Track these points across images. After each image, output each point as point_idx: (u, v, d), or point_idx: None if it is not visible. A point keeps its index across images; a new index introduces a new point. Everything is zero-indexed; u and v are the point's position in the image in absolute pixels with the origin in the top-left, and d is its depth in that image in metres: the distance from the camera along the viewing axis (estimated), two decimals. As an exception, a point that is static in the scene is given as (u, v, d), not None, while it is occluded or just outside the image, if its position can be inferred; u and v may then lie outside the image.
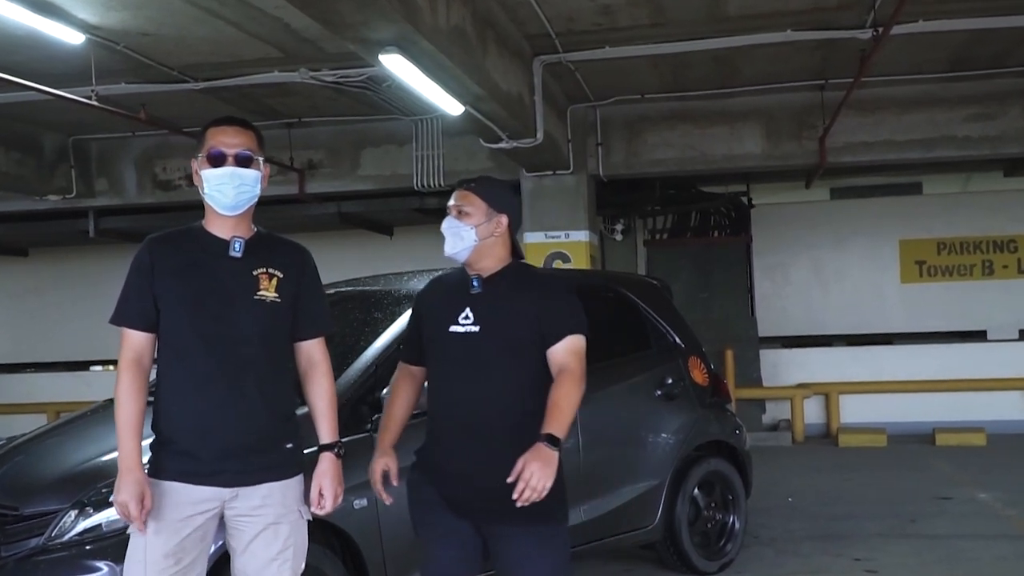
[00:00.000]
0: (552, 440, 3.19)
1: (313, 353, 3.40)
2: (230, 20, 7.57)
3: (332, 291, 5.49)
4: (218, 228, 3.26)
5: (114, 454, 3.16)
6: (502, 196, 3.55)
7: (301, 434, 3.39)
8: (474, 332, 3.41)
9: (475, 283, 3.48)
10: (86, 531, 3.96)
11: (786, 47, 8.91)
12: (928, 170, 13.80)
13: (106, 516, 3.94)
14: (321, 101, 10.35)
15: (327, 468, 3.33)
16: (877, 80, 9.93)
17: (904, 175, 14.15)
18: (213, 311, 3.17)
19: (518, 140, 8.91)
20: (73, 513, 4.00)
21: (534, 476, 3.13)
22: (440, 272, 3.92)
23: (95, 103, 8.34)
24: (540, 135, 8.97)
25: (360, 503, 4.33)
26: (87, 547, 3.91)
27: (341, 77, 8.94)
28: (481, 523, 3.45)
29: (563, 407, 3.28)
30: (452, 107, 7.64)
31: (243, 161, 3.20)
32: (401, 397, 3.67)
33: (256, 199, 3.26)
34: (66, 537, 3.97)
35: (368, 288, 5.86)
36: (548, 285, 3.57)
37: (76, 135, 11.82)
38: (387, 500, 3.56)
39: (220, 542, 3.41)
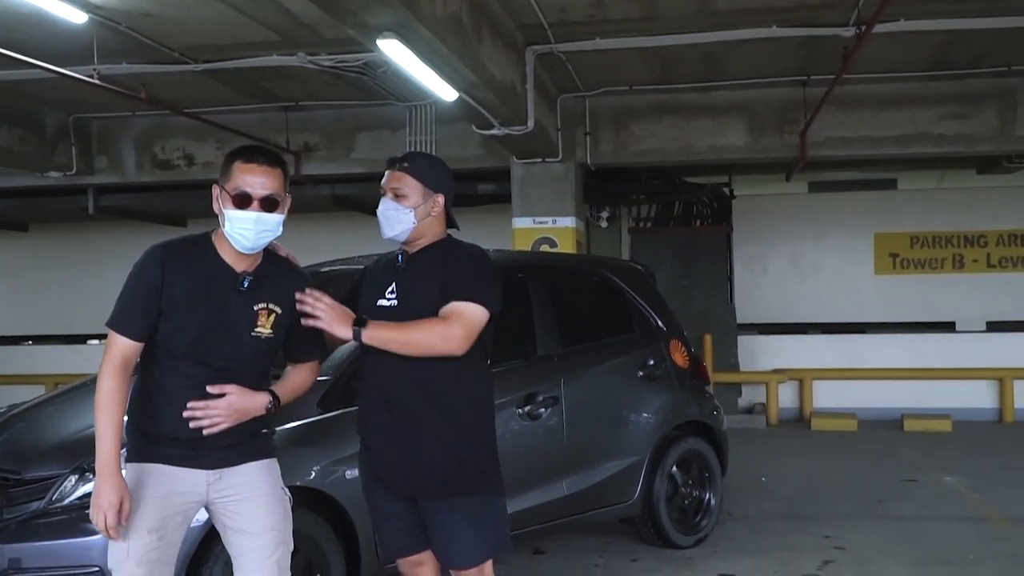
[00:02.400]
0: (361, 322, 3.26)
1: (304, 371, 3.40)
2: (231, 3, 7.52)
3: (327, 269, 5.49)
4: (229, 256, 3.16)
5: None
6: (437, 174, 3.46)
7: (272, 423, 3.37)
8: (393, 307, 3.38)
9: (399, 259, 3.44)
10: (85, 495, 3.94)
11: (771, 43, 8.92)
12: (903, 166, 13.87)
13: (104, 482, 3.95)
14: (318, 85, 10.31)
15: (252, 393, 3.17)
16: (858, 78, 9.95)
17: (880, 171, 14.22)
18: (212, 339, 3.11)
19: (509, 127, 8.90)
20: (73, 478, 4.02)
21: (322, 310, 3.21)
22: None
23: (97, 82, 8.29)
24: (531, 123, 8.96)
25: (352, 473, 4.31)
26: (86, 511, 3.91)
27: (338, 62, 8.90)
28: (411, 498, 3.43)
29: (404, 326, 3.29)
30: (446, 93, 7.64)
31: (268, 205, 3.10)
32: None
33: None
34: (66, 501, 4.00)
35: (361, 267, 5.85)
36: (463, 256, 3.44)
37: (77, 113, 11.74)
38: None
39: (205, 518, 3.37)
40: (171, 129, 11.87)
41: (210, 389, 3.10)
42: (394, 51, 6.22)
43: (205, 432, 3.09)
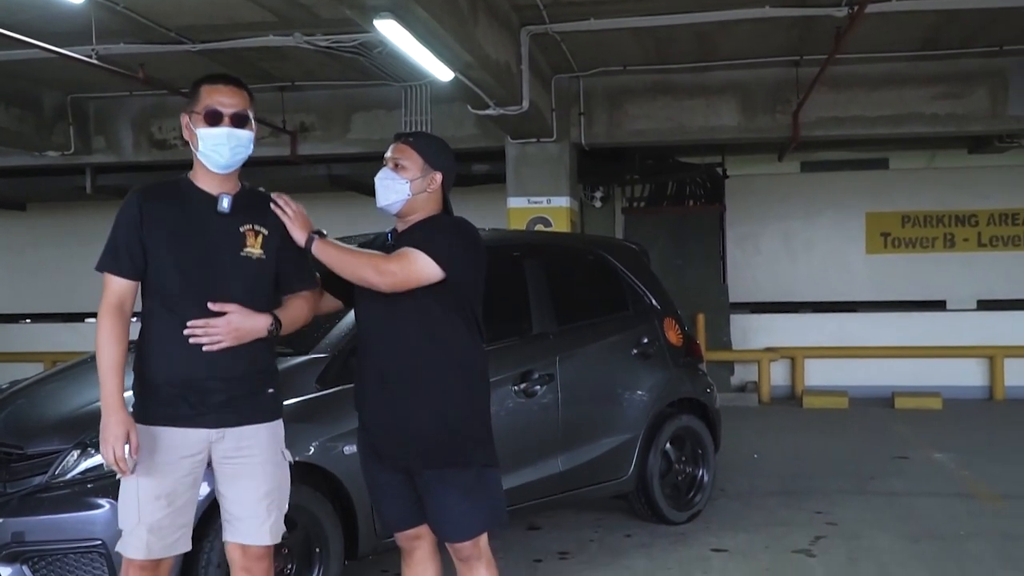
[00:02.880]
0: (319, 234, 3.34)
1: (300, 301, 3.39)
2: (228, -17, 7.50)
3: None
4: (206, 183, 3.22)
5: None
6: (439, 153, 3.49)
7: (280, 382, 3.39)
8: None
9: (389, 237, 3.49)
10: (87, 470, 3.98)
11: (764, 23, 8.91)
12: (895, 146, 13.90)
13: (106, 457, 3.98)
14: (314, 66, 10.29)
15: (253, 313, 3.19)
16: (850, 58, 9.94)
17: (872, 151, 14.25)
18: (202, 267, 3.14)
19: (504, 107, 8.90)
20: (75, 453, 4.02)
21: (290, 208, 3.30)
22: None
23: (96, 62, 8.27)
24: (526, 103, 8.96)
25: (350, 449, 4.34)
26: (88, 485, 3.94)
27: (334, 42, 8.87)
28: (406, 471, 3.45)
29: (350, 250, 3.34)
30: (442, 73, 7.64)
31: (239, 121, 3.17)
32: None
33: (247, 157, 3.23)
34: (69, 475, 4.00)
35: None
36: (435, 225, 3.46)
37: (75, 93, 11.70)
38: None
39: (209, 490, 3.41)
40: (168, 109, 11.83)
41: (211, 306, 3.11)
42: (391, 32, 6.22)
43: (204, 349, 3.10)
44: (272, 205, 3.30)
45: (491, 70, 7.76)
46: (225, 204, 3.19)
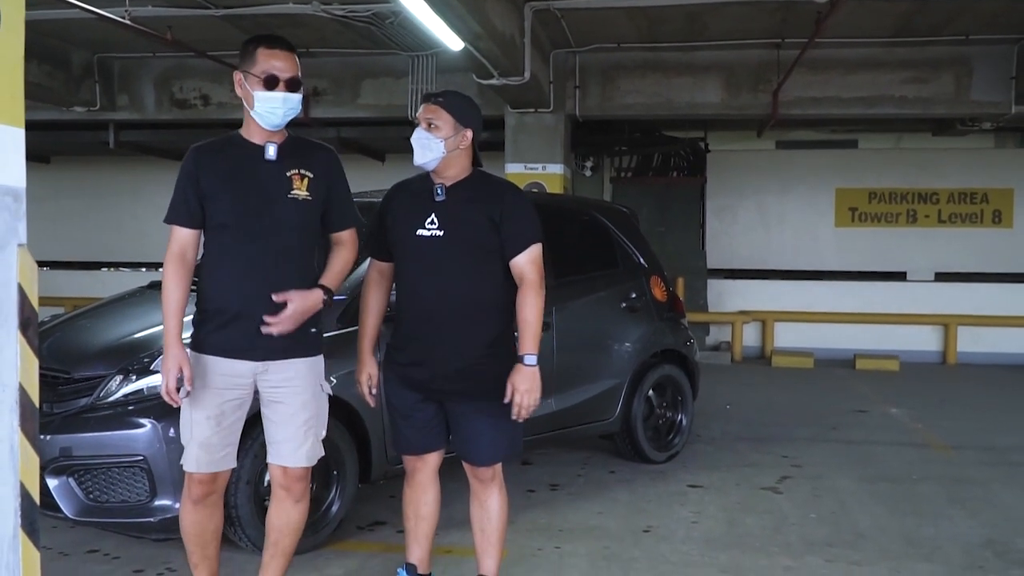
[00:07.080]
0: (530, 358, 3.40)
1: (343, 237, 3.50)
2: (253, -47, 7.51)
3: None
4: (255, 136, 3.33)
5: (152, 331, 3.24)
6: (468, 111, 3.53)
7: (321, 322, 3.48)
8: (439, 236, 3.45)
9: (439, 191, 3.50)
10: (130, 394, 4.13)
11: (750, 7, 8.99)
12: (865, 127, 14.02)
13: (147, 382, 4.11)
14: (329, 34, 10.28)
15: (309, 294, 3.32)
16: (828, 42, 10.00)
17: (843, 131, 14.36)
18: (254, 209, 3.25)
19: (507, 78, 8.95)
20: (119, 378, 4.16)
21: (524, 398, 3.38)
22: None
23: (128, 22, 8.28)
24: (527, 75, 9.01)
25: (366, 381, 4.51)
26: (130, 407, 4.08)
27: (349, 11, 8.89)
28: (440, 401, 3.57)
29: (531, 321, 3.42)
30: (453, 43, 7.69)
31: (293, 86, 3.27)
32: (373, 295, 3.73)
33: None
34: (112, 398, 4.14)
35: (375, 200, 5.98)
36: (508, 195, 3.55)
37: (101, 53, 11.67)
38: (372, 403, 3.73)
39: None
40: (189, 70, 11.83)
41: (275, 298, 3.24)
42: (411, 2, 6.28)
43: (276, 334, 3.24)
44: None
45: (498, 42, 7.81)
46: (271, 152, 3.31)
